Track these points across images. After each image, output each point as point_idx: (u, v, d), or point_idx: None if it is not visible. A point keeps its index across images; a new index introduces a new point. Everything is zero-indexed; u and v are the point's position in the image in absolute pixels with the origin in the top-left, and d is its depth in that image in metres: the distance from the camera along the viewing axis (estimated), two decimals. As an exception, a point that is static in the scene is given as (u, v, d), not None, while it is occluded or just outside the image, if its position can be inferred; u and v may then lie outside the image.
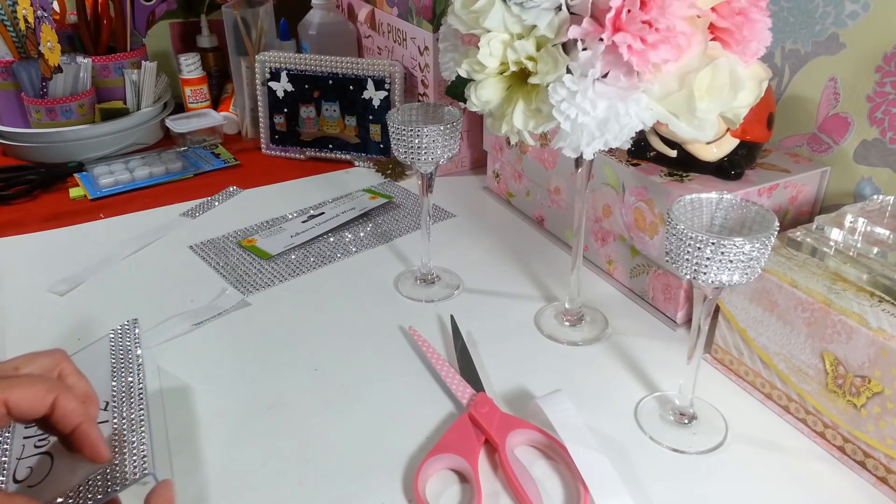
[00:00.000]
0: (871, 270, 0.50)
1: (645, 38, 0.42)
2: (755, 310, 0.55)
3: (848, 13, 0.64)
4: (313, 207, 0.88)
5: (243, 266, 0.75)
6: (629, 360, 0.61)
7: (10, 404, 0.38)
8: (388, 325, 0.66)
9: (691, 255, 0.43)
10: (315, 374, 0.59)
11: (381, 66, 0.94)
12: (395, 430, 0.53)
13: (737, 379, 0.58)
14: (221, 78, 1.20)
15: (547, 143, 0.77)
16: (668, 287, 0.66)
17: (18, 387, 0.39)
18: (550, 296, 0.71)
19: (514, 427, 0.51)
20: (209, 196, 0.91)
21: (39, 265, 0.75)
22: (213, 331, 0.65)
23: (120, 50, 1.06)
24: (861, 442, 0.49)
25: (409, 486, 0.48)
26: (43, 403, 0.40)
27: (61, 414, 0.40)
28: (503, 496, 0.48)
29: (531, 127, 0.49)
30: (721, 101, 0.46)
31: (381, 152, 0.99)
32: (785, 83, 0.71)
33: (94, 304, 0.69)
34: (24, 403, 0.39)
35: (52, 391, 0.40)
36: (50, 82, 0.97)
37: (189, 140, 1.06)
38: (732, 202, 0.47)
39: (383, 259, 0.77)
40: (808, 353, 0.51)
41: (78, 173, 0.96)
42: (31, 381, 0.40)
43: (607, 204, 0.69)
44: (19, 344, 0.62)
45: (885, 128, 0.64)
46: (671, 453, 0.51)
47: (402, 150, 0.62)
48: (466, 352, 0.61)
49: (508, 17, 0.46)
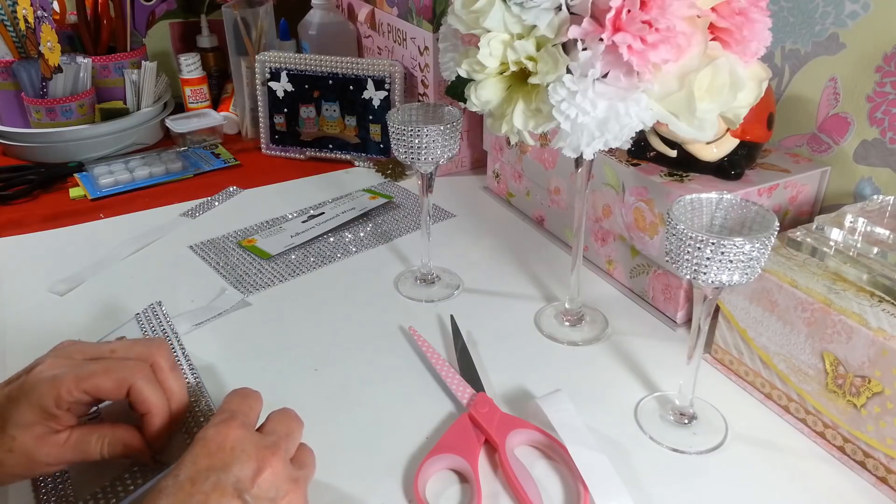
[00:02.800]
0: (871, 270, 0.50)
1: (645, 38, 0.42)
2: (755, 310, 0.55)
3: (848, 13, 0.64)
4: (313, 207, 0.88)
5: (243, 266, 0.75)
6: (629, 360, 0.61)
7: (90, 392, 0.43)
8: (388, 325, 0.66)
9: (691, 255, 0.43)
10: (315, 374, 0.59)
11: (381, 66, 0.94)
12: (395, 430, 0.53)
13: (737, 379, 0.58)
14: (221, 78, 1.20)
15: (547, 143, 0.77)
16: (668, 287, 0.66)
17: (97, 375, 0.43)
18: (550, 296, 0.71)
19: (514, 427, 0.51)
20: (209, 196, 0.91)
21: (39, 265, 0.75)
22: (213, 331, 0.65)
23: (120, 50, 1.06)
24: (861, 442, 0.49)
25: (409, 486, 0.48)
26: (120, 391, 0.44)
27: (136, 399, 0.44)
28: (503, 496, 0.48)
29: (531, 127, 0.49)
30: (721, 101, 0.46)
31: (381, 152, 0.99)
32: (785, 83, 0.71)
33: (94, 304, 0.69)
34: (103, 392, 0.43)
35: (129, 380, 0.44)
36: (50, 82, 0.97)
37: (189, 140, 1.06)
38: (732, 202, 0.47)
39: (383, 259, 0.77)
40: (808, 353, 0.51)
41: (78, 173, 0.96)
42: (110, 370, 0.44)
43: (607, 204, 0.69)
44: (19, 344, 0.62)
45: (885, 128, 0.64)
46: (671, 453, 0.51)
47: (402, 150, 0.62)
48: (466, 352, 0.61)
49: (508, 17, 0.46)
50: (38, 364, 0.44)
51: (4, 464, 0.42)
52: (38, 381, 0.43)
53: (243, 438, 0.40)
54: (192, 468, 0.38)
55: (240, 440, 0.39)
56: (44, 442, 0.42)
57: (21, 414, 0.42)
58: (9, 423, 0.42)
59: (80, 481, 0.48)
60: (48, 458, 0.43)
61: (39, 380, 0.43)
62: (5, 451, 0.42)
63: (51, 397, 0.42)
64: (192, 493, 0.36)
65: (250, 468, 0.38)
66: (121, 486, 0.47)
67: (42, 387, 0.42)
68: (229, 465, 0.38)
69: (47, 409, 0.42)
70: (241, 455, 0.39)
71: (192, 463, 0.38)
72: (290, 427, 0.43)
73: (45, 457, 0.42)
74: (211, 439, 0.39)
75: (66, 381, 0.42)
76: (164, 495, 0.36)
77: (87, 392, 0.43)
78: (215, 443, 0.39)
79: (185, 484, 0.37)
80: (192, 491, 0.36)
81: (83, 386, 0.43)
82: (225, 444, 0.39)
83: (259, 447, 0.40)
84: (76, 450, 0.43)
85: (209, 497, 0.36)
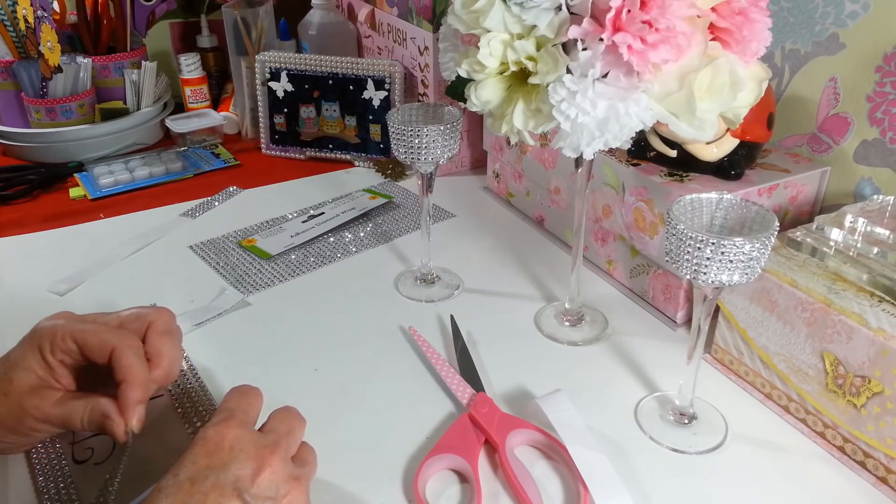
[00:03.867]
0: (871, 270, 0.50)
1: (645, 38, 0.42)
2: (755, 310, 0.55)
3: (848, 13, 0.64)
4: (313, 207, 0.88)
5: (243, 266, 0.75)
6: (629, 360, 0.61)
7: (79, 344, 0.45)
8: (388, 325, 0.66)
9: (691, 255, 0.43)
10: (315, 374, 0.59)
11: (381, 66, 0.94)
12: (395, 430, 0.53)
13: (737, 379, 0.58)
14: (221, 78, 1.20)
15: (547, 143, 0.77)
16: (668, 287, 0.66)
17: (87, 331, 0.45)
18: (550, 296, 0.71)
19: (514, 427, 0.51)
20: (209, 196, 0.91)
21: (39, 265, 0.75)
22: (213, 331, 0.65)
23: (120, 50, 1.06)
24: (861, 442, 0.49)
25: (409, 486, 0.48)
26: (102, 352, 0.45)
27: (115, 366, 0.45)
28: (503, 496, 0.48)
29: (531, 127, 0.49)
30: (721, 101, 0.46)
31: (381, 152, 0.99)
32: (785, 83, 0.71)
33: (94, 304, 0.68)
34: (88, 348, 0.45)
35: (112, 343, 0.45)
36: (50, 82, 0.97)
37: (189, 140, 1.06)
38: (732, 202, 0.47)
39: (383, 259, 0.77)
40: (808, 353, 0.51)
41: (78, 173, 0.96)
42: (100, 331, 0.46)
43: (607, 204, 0.69)
44: (19, 344, 0.62)
45: (885, 128, 0.64)
46: (671, 453, 0.51)
47: (402, 150, 0.62)
48: (466, 352, 0.61)
49: (508, 17, 0.46)
50: (45, 318, 0.48)
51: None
52: (39, 327, 0.47)
53: (242, 437, 0.40)
54: (192, 468, 0.38)
55: (238, 439, 0.39)
56: (37, 393, 0.44)
57: (21, 355, 0.45)
58: (10, 366, 0.45)
59: (83, 484, 0.48)
60: (35, 412, 0.44)
61: (41, 325, 0.47)
62: (1, 395, 0.43)
63: (47, 340, 0.45)
64: (192, 492, 0.36)
65: (249, 467, 0.38)
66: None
67: (41, 331, 0.46)
68: (228, 464, 0.38)
69: (45, 352, 0.45)
70: (239, 454, 0.39)
71: (192, 462, 0.38)
72: (292, 425, 0.43)
73: (34, 409, 0.44)
74: (210, 438, 0.39)
75: (61, 329, 0.45)
76: (164, 495, 0.36)
77: (77, 343, 0.45)
78: (214, 442, 0.39)
79: (184, 483, 0.37)
80: (192, 490, 0.36)
81: (74, 336, 0.45)
82: (223, 443, 0.39)
83: (258, 446, 0.40)
84: (62, 411, 0.44)
85: (208, 497, 0.36)
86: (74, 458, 0.49)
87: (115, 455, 0.49)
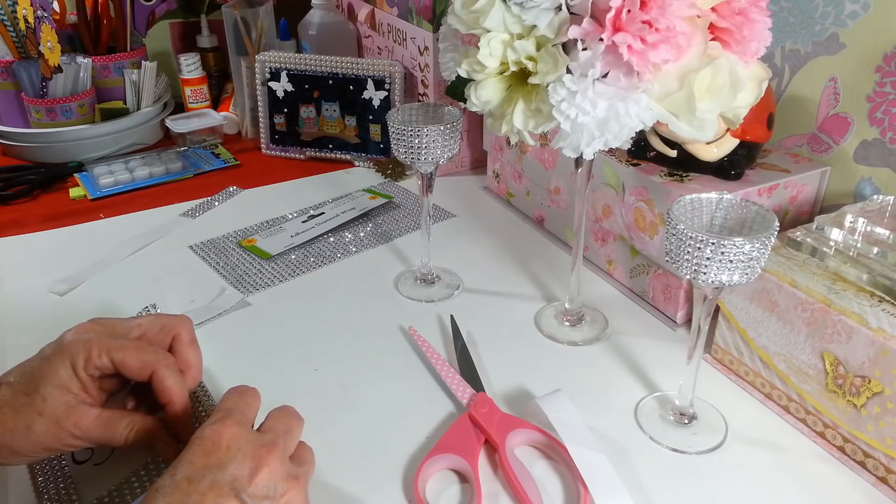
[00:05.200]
0: (871, 270, 0.50)
1: (645, 38, 0.42)
2: (755, 310, 0.55)
3: (848, 13, 0.64)
4: (313, 207, 0.88)
5: (243, 266, 0.75)
6: (629, 360, 0.61)
7: (116, 363, 0.44)
8: (388, 325, 0.66)
9: (691, 255, 0.43)
10: (315, 374, 0.59)
11: (381, 66, 0.94)
12: (395, 430, 0.53)
13: (737, 379, 0.58)
14: (221, 78, 1.20)
15: (547, 143, 0.77)
16: (668, 287, 0.66)
17: (126, 349, 0.45)
18: (550, 296, 0.71)
19: (514, 427, 0.51)
20: (209, 196, 0.91)
21: (39, 265, 0.75)
22: (213, 331, 0.65)
23: (120, 50, 1.06)
24: (861, 442, 0.49)
25: (409, 486, 0.48)
26: (143, 372, 0.45)
27: (159, 388, 0.45)
28: (503, 496, 0.47)
29: (531, 127, 0.49)
30: (721, 101, 0.46)
31: (381, 152, 0.99)
32: (785, 83, 0.71)
33: (94, 304, 0.68)
34: (127, 368, 0.44)
35: (152, 365, 0.45)
36: (50, 82, 0.97)
37: (189, 140, 1.06)
38: (732, 202, 0.47)
39: (383, 259, 0.77)
40: (808, 353, 0.51)
41: (78, 173, 0.96)
42: (139, 350, 0.45)
43: (607, 204, 0.69)
44: (19, 344, 0.62)
45: (885, 128, 0.64)
46: (671, 453, 0.51)
47: (402, 150, 0.62)
48: (466, 352, 0.61)
49: (508, 17, 0.46)
50: (70, 330, 0.46)
51: (32, 430, 0.42)
52: (72, 341, 0.45)
53: (239, 437, 0.40)
54: (189, 467, 0.38)
55: (236, 439, 0.39)
56: (74, 411, 0.43)
57: (54, 371, 0.43)
58: (42, 382, 0.43)
59: (83, 484, 0.48)
60: (75, 430, 0.43)
61: (74, 339, 0.45)
62: (35, 414, 0.42)
63: (81, 357, 0.44)
64: (189, 492, 0.36)
65: (247, 467, 0.38)
66: (128, 491, 0.47)
67: (75, 346, 0.44)
68: (225, 463, 0.38)
69: (77, 368, 0.43)
70: (237, 454, 0.39)
71: (189, 462, 0.38)
72: (290, 424, 0.43)
73: (73, 427, 0.43)
74: (207, 438, 0.39)
75: (96, 345, 0.44)
76: (162, 494, 0.36)
77: (114, 362, 0.44)
78: (211, 441, 0.39)
79: (181, 483, 0.37)
80: (189, 490, 0.36)
81: (112, 354, 0.44)
82: (221, 442, 0.39)
83: (256, 445, 0.40)
84: (105, 429, 0.44)
85: (206, 496, 0.36)
86: (74, 458, 0.49)
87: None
